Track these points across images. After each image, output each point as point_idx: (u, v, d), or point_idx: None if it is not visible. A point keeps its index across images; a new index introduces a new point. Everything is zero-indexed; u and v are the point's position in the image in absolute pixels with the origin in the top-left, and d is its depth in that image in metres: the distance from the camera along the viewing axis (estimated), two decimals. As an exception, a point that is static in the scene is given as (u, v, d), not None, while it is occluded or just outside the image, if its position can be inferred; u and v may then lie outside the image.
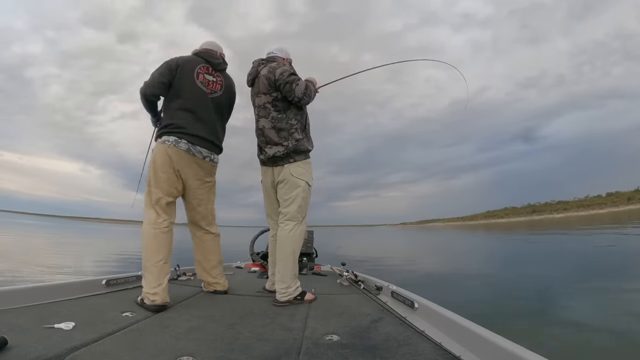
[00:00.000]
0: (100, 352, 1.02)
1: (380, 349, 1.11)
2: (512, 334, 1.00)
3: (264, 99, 2.01)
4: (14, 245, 12.72)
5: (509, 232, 29.01)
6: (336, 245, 16.77)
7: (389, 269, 7.72)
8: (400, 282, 2.05)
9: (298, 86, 1.93)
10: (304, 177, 2.00)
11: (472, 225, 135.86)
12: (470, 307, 3.40)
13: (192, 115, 1.87)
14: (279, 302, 1.81)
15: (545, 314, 3.44)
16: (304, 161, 2.03)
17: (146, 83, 1.86)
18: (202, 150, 1.90)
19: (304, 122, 2.09)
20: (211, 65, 1.99)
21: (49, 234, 23.91)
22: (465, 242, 20.83)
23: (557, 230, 25.19)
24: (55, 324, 1.19)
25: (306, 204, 2.04)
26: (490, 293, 4.73)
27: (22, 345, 0.98)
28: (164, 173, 1.81)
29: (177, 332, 1.26)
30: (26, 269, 6.31)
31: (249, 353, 1.07)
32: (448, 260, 10.27)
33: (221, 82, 2.02)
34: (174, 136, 1.83)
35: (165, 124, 1.87)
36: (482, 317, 1.45)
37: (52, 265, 7.21)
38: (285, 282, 1.85)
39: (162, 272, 1.67)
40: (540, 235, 20.37)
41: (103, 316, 1.39)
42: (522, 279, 5.68)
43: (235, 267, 3.33)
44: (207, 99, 1.94)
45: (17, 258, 8.22)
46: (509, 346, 0.93)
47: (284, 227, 1.96)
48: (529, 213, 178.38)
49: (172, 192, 1.86)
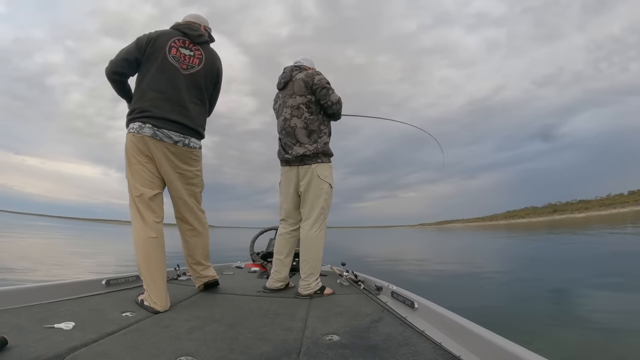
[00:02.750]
0: (100, 352, 1.02)
1: (380, 349, 1.11)
2: (539, 343, 0.96)
3: (298, 100, 2.12)
4: (39, 246, 12.84)
5: (536, 233, 26.88)
6: (352, 247, 16.29)
7: (409, 271, 7.45)
8: (424, 287, 2.03)
9: (334, 94, 2.10)
10: (328, 179, 2.12)
11: (492, 225, 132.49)
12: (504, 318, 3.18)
13: (159, 95, 1.66)
14: (301, 295, 1.98)
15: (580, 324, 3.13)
16: (329, 164, 2.16)
17: (110, 61, 1.66)
18: (171, 134, 1.66)
19: (330, 128, 2.24)
20: (189, 38, 1.76)
21: (69, 235, 24.22)
22: (492, 244, 19.08)
23: (580, 230, 23.92)
24: (55, 324, 1.19)
25: (328, 206, 2.16)
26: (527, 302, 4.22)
27: (22, 345, 0.97)
28: (138, 163, 1.63)
29: (177, 332, 1.26)
30: (57, 270, 6.52)
31: (249, 353, 1.07)
32: (476, 263, 9.50)
33: (200, 56, 1.78)
34: (138, 122, 1.63)
35: (130, 110, 1.68)
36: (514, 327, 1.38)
37: (68, 265, 7.41)
38: (309, 279, 2.01)
39: (161, 278, 1.62)
40: (577, 236, 19.10)
41: (103, 316, 1.38)
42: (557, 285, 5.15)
43: (235, 267, 3.33)
44: (179, 75, 1.70)
45: (45, 259, 8.37)
46: (509, 346, 0.93)
47: (309, 228, 2.08)
48: (550, 213, 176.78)
49: (154, 183, 1.68)
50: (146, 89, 1.68)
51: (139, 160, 1.63)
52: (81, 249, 12.87)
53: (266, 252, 3.52)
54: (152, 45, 1.68)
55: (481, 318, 1.23)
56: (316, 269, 2.04)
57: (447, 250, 15.36)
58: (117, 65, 1.66)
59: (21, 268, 6.23)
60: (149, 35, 1.70)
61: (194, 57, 1.76)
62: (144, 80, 1.69)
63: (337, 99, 2.11)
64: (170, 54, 1.69)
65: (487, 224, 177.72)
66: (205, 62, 1.80)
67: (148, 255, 1.62)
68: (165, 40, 1.70)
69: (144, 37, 1.69)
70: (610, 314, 3.44)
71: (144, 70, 1.70)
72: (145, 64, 1.68)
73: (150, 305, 1.55)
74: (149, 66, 1.68)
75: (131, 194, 1.66)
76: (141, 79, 1.71)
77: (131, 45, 1.68)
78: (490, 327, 1.08)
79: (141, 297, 1.63)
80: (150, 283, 1.58)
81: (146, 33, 1.72)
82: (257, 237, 3.94)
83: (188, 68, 1.74)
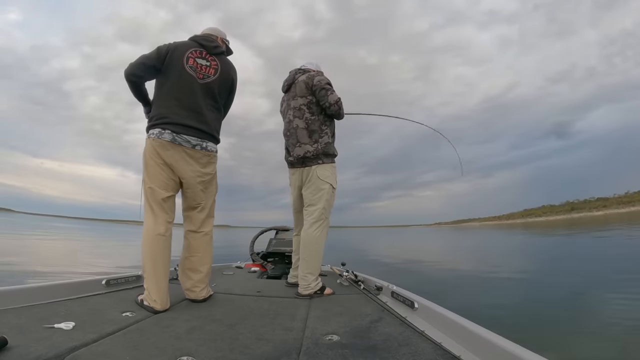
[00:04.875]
0: (100, 352, 1.02)
1: (380, 349, 1.11)
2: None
3: (300, 101, 2.17)
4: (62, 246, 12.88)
5: (558, 231, 24.79)
6: (369, 247, 15.61)
7: (431, 273, 7.08)
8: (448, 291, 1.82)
9: (332, 95, 2.11)
10: (329, 179, 2.13)
11: (509, 224, 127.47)
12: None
13: (177, 102, 1.76)
14: (301, 295, 1.99)
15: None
16: (331, 165, 2.17)
17: (130, 63, 1.75)
18: (189, 138, 1.75)
19: (334, 128, 2.25)
20: (205, 49, 1.86)
21: (90, 236, 24.17)
22: (524, 243, 17.20)
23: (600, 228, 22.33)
24: (55, 324, 1.19)
25: (330, 206, 2.16)
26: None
27: (22, 345, 0.97)
28: (155, 165, 1.72)
29: (177, 332, 1.26)
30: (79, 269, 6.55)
31: (249, 353, 1.07)
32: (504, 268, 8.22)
33: (216, 66, 1.87)
34: (158, 128, 1.72)
35: (150, 117, 1.79)
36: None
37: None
38: (308, 279, 2.01)
39: (162, 278, 1.63)
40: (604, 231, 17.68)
41: (103, 316, 1.38)
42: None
43: (235, 267, 3.33)
44: (196, 84, 1.80)
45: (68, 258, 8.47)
46: (509, 346, 0.93)
47: (307, 228, 2.10)
48: (568, 211, 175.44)
49: (169, 185, 1.75)
50: (165, 97, 1.78)
51: (156, 163, 1.72)
52: (103, 250, 13.04)
53: (266, 252, 3.53)
54: (170, 55, 1.77)
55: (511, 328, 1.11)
56: (315, 268, 2.05)
57: (480, 251, 14.08)
58: (135, 67, 1.75)
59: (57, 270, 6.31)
60: (168, 46, 1.80)
61: (210, 67, 1.86)
62: (163, 88, 1.79)
63: (336, 100, 2.12)
64: (187, 64, 1.79)
65: (504, 223, 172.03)
66: (221, 72, 1.89)
67: (154, 252, 1.66)
68: (183, 51, 1.80)
69: (164, 47, 1.79)
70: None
71: (162, 79, 1.79)
72: (164, 73, 1.78)
73: (149, 304, 1.57)
74: (168, 75, 1.77)
75: (146, 195, 1.74)
76: (160, 87, 1.80)
77: (152, 52, 1.78)
78: (515, 335, 1.02)
79: (141, 297, 1.64)
80: (153, 280, 1.60)
81: (166, 43, 1.82)
82: (257, 237, 3.94)
83: (204, 77, 1.83)
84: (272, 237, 3.90)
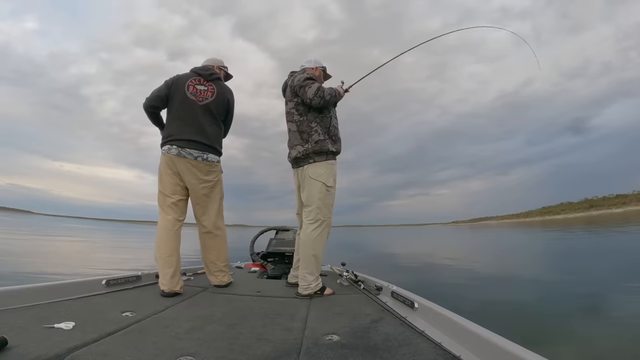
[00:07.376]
0: (100, 352, 1.02)
1: (380, 349, 1.11)
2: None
3: (289, 105, 2.21)
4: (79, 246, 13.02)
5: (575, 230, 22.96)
6: (386, 247, 14.65)
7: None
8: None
9: (310, 88, 2.05)
10: (321, 178, 2.07)
11: (527, 222, 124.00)
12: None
13: (181, 122, 2.11)
14: (301, 295, 2.00)
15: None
16: (326, 162, 2.11)
17: (146, 97, 2.15)
18: (191, 151, 2.09)
19: (327, 124, 2.16)
20: (202, 77, 2.21)
21: (109, 236, 24.29)
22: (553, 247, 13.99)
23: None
24: (55, 324, 1.19)
25: (325, 206, 2.10)
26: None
27: (22, 345, 0.97)
28: (167, 175, 2.09)
29: (177, 332, 1.26)
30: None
31: (249, 353, 1.07)
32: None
33: (212, 90, 2.21)
34: (167, 145, 2.08)
35: (163, 136, 2.15)
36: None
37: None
38: (308, 280, 2.01)
39: (166, 264, 1.92)
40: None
41: (103, 316, 1.39)
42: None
43: (235, 267, 3.33)
44: (196, 106, 2.14)
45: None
46: (509, 346, 0.93)
47: (306, 229, 2.09)
48: (587, 208, 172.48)
49: (177, 190, 2.10)
50: (172, 119, 2.15)
51: (167, 173, 2.09)
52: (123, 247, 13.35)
53: (266, 252, 3.52)
54: (174, 85, 2.14)
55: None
56: (313, 269, 2.03)
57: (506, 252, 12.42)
58: (152, 100, 2.14)
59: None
60: (172, 78, 2.19)
61: (207, 91, 2.20)
62: (171, 112, 2.16)
63: (314, 92, 2.02)
64: (188, 91, 2.15)
65: (522, 221, 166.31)
66: (217, 94, 2.23)
67: (161, 242, 1.99)
68: (184, 80, 2.17)
69: (170, 80, 2.17)
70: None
71: (170, 105, 2.16)
72: (172, 100, 2.15)
73: (160, 287, 1.90)
74: (174, 101, 2.14)
75: (159, 200, 2.11)
76: (169, 111, 2.18)
77: (162, 85, 2.16)
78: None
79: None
80: (159, 266, 1.94)
81: (172, 77, 2.20)
82: (257, 237, 3.94)
83: (203, 100, 2.18)
84: (272, 237, 3.90)
